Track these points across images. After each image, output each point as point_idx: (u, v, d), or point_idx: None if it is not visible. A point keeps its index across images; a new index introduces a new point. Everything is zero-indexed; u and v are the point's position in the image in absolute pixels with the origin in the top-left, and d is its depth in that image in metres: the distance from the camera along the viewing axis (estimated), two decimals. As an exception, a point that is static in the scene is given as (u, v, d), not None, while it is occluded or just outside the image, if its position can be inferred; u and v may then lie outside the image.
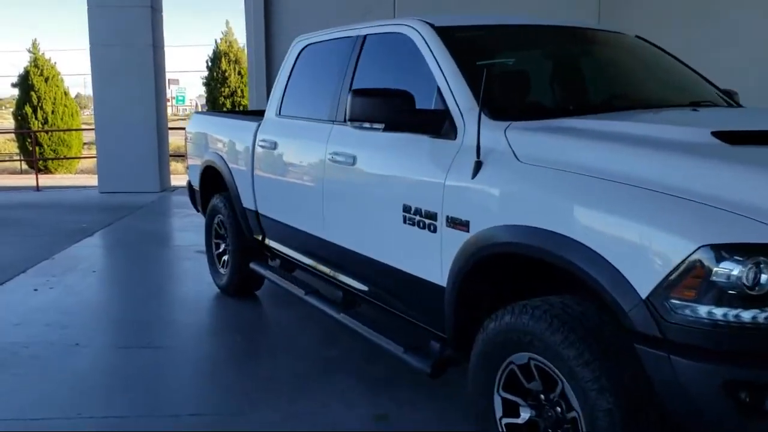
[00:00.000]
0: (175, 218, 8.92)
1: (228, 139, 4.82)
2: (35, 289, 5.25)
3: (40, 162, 19.58)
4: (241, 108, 20.82)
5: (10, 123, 24.68)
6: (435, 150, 2.71)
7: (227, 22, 21.65)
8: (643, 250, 1.89)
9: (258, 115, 5.32)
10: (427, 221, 2.66)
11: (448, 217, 2.54)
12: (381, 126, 2.70)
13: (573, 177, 2.13)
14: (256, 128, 4.35)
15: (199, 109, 51.44)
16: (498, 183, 2.36)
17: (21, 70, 21.34)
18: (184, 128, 19.54)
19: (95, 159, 19.40)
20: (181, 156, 20.12)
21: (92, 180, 17.90)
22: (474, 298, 2.55)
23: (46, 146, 21.03)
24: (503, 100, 2.73)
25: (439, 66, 2.83)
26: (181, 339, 4.18)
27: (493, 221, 2.34)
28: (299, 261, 3.98)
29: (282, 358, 3.86)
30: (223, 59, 21.09)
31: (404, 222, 2.80)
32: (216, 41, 21.53)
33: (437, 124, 2.71)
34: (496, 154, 2.43)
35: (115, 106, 10.72)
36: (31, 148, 20.85)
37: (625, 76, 3.28)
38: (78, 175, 20.99)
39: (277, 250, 4.30)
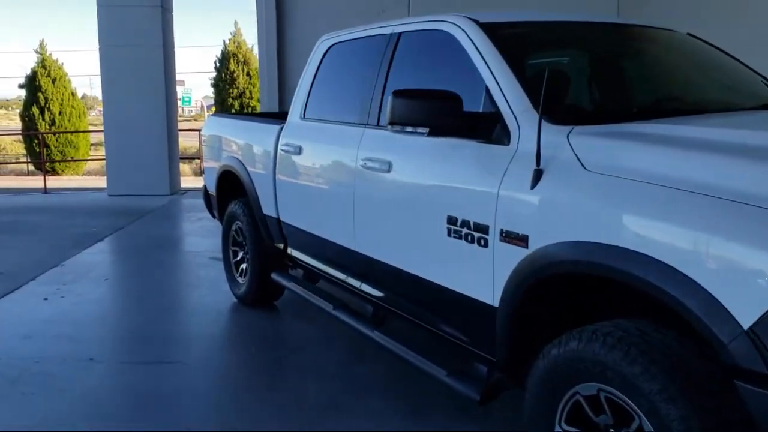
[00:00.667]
0: (186, 222, 8.72)
1: (247, 142, 4.60)
2: (45, 299, 5.05)
3: (48, 164, 19.43)
4: (250, 109, 20.64)
5: (17, 124, 24.54)
6: (485, 156, 2.48)
7: (236, 23, 21.55)
8: (745, 273, 1.66)
9: (277, 117, 5.12)
10: (477, 235, 2.43)
11: (502, 230, 2.31)
12: (425, 131, 2.48)
13: (654, 189, 1.90)
14: (278, 132, 4.13)
15: (205, 110, 51.27)
16: (563, 194, 2.14)
17: (28, 71, 21.21)
18: (190, 130, 19.49)
19: (102, 160, 19.29)
20: (188, 158, 19.98)
21: (100, 182, 17.76)
22: (531, 320, 2.32)
23: (53, 147, 20.90)
24: (562, 103, 2.50)
25: (488, 65, 2.60)
26: (198, 354, 3.97)
27: (558, 236, 2.11)
28: (325, 272, 3.75)
29: (307, 375, 3.64)
30: (231, 60, 20.92)
31: (449, 235, 2.57)
32: (224, 42, 21.39)
33: (487, 128, 2.49)
34: (558, 161, 2.20)
35: (125, 108, 10.53)
36: (38, 150, 20.75)
37: (685, 76, 3.05)
38: (85, 177, 20.86)
39: (301, 260, 4.08)
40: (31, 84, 21.01)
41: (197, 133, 22.80)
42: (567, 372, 2.09)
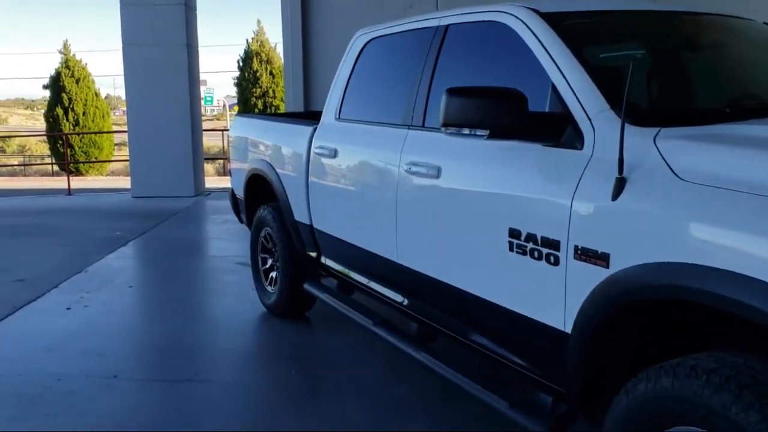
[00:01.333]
0: (211, 225, 8.53)
1: (278, 144, 4.36)
2: (68, 308, 4.85)
3: (71, 165, 19.45)
4: (273, 109, 20.48)
5: (42, 124, 24.66)
6: (553, 162, 2.20)
7: (259, 22, 21.36)
8: None
9: (306, 117, 4.87)
10: (545, 251, 2.15)
11: (576, 247, 2.03)
12: (484, 133, 2.20)
13: (765, 203, 1.61)
14: (311, 133, 3.88)
15: (227, 110, 51.30)
16: (652, 206, 1.85)
17: (52, 72, 21.26)
18: (213, 130, 19.33)
19: (127, 161, 19.27)
20: (210, 158, 19.88)
21: (123, 182, 17.72)
22: (611, 350, 2.04)
23: (77, 148, 20.93)
24: (643, 101, 2.21)
25: (554, 61, 2.32)
26: (229, 371, 3.73)
27: (646, 256, 1.83)
28: (363, 285, 3.50)
29: (345, 395, 3.39)
30: (254, 59, 20.78)
31: (511, 250, 2.30)
32: (247, 41, 21.25)
33: (556, 130, 2.21)
34: (644, 169, 1.91)
35: (149, 108, 10.38)
36: (62, 150, 20.80)
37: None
38: (109, 177, 20.87)
39: (335, 270, 3.82)
40: (55, 84, 21.07)
41: (220, 132, 22.77)
42: (658, 412, 1.80)
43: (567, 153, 2.16)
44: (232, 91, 22.27)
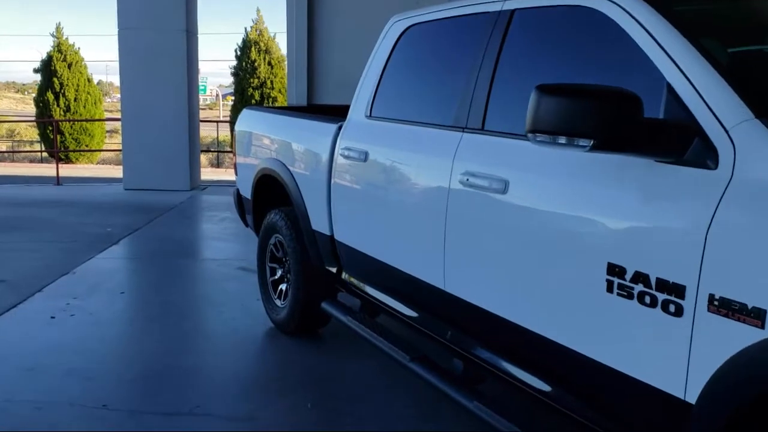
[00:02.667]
0: (209, 223, 8.03)
1: (294, 143, 3.88)
2: (53, 317, 4.36)
3: (61, 152, 18.85)
4: (271, 101, 19.94)
5: (32, 109, 23.99)
6: (673, 183, 1.74)
7: (258, 10, 20.77)
8: None
9: (322, 112, 4.39)
10: (662, 297, 1.69)
11: (713, 297, 1.57)
12: (587, 143, 1.74)
13: None
14: (335, 132, 3.41)
15: (220, 99, 50.45)
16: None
17: (44, 55, 20.62)
18: (207, 120, 18.68)
19: (118, 151, 18.65)
20: (203, 150, 19.30)
21: (114, 171, 17.13)
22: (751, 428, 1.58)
23: (67, 134, 20.33)
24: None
25: (669, 55, 1.85)
26: (234, 402, 3.25)
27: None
28: (394, 310, 3.02)
29: (372, 438, 2.93)
30: (252, 48, 20.21)
31: (609, 291, 1.83)
32: (246, 30, 20.66)
33: (678, 143, 1.74)
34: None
35: (144, 96, 9.83)
36: (52, 137, 20.18)
37: None
38: (100, 166, 20.28)
39: (360, 291, 3.35)
40: (47, 69, 20.44)
41: (215, 123, 22.19)
42: None
43: (694, 173, 1.70)
44: (226, 80, 21.74)
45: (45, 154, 21.09)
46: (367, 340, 3.12)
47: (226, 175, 17.40)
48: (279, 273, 4.23)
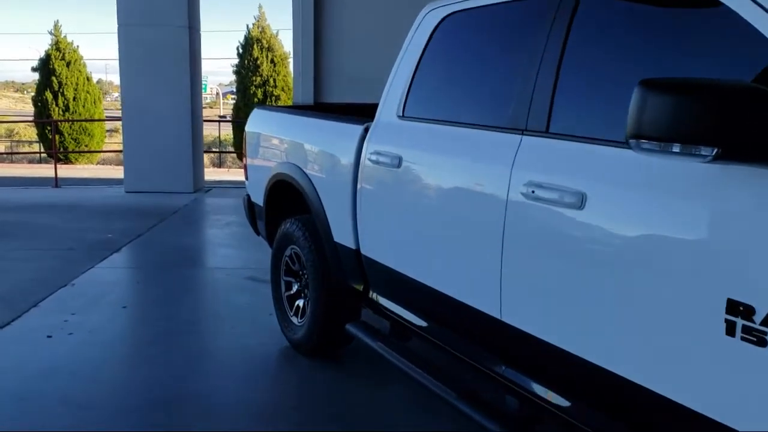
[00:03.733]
0: (214, 228, 7.67)
1: (314, 146, 3.52)
2: (49, 336, 4.00)
3: (60, 153, 18.50)
4: (273, 99, 19.57)
5: (31, 108, 23.63)
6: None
7: (260, 7, 20.37)
8: None
9: (342, 111, 4.04)
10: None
11: None
12: (710, 152, 1.38)
13: None
14: (362, 134, 3.05)
15: (220, 98, 49.93)
16: None
17: (42, 54, 20.26)
18: (208, 119, 18.29)
19: (117, 150, 18.26)
20: (204, 150, 18.87)
21: (114, 172, 16.77)
22: None
23: (66, 134, 19.98)
24: None
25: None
26: (252, 438, 2.90)
27: None
28: (435, 338, 2.66)
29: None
30: (255, 46, 19.83)
31: (730, 334, 1.48)
32: (247, 27, 20.28)
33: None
34: None
35: (146, 95, 9.48)
36: (51, 137, 19.81)
37: None
38: (99, 167, 19.92)
39: (391, 312, 2.99)
40: (45, 67, 20.08)
41: (216, 122, 21.80)
42: None
43: None
44: (225, 79, 21.32)
45: (44, 154, 20.74)
46: (402, 370, 2.76)
47: (229, 175, 17.07)
48: (295, 287, 3.88)
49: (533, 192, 2.02)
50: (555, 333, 2.00)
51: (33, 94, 22.45)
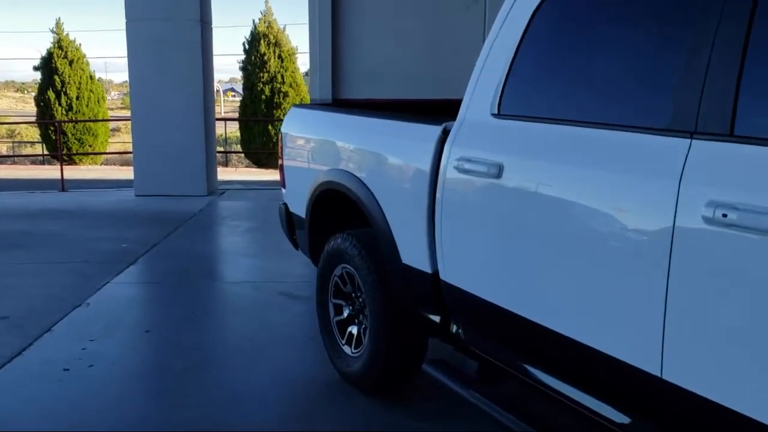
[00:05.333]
0: (235, 235, 7.17)
1: (375, 151, 3.02)
2: (66, 369, 3.52)
3: (64, 154, 18.01)
4: (281, 96, 19.05)
5: (33, 108, 23.13)
6: None
7: (266, 1, 19.82)
8: None
9: (385, 108, 3.54)
10: None
11: None
12: None
13: None
14: (439, 136, 2.55)
15: (221, 95, 49.31)
16: None
17: (44, 53, 19.75)
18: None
19: (124, 154, 17.78)
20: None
21: (120, 172, 16.28)
22: None
23: (70, 135, 19.50)
24: None
25: None
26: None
27: None
28: (558, 393, 2.15)
29: None
30: (261, 41, 19.30)
31: None
32: (254, 22, 19.75)
33: None
34: None
35: (155, 93, 8.98)
36: (54, 137, 19.31)
37: None
38: (104, 167, 19.43)
39: (484, 352, 2.49)
40: (47, 66, 19.57)
41: (220, 121, 21.28)
42: None
43: None
44: (225, 76, 20.76)
45: (46, 153, 20.25)
46: (503, 424, 2.26)
47: (237, 174, 16.57)
48: (346, 312, 3.38)
49: (725, 217, 1.51)
50: (745, 401, 1.50)
51: (35, 93, 21.95)
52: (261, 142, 19.07)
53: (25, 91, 61.30)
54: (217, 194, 9.44)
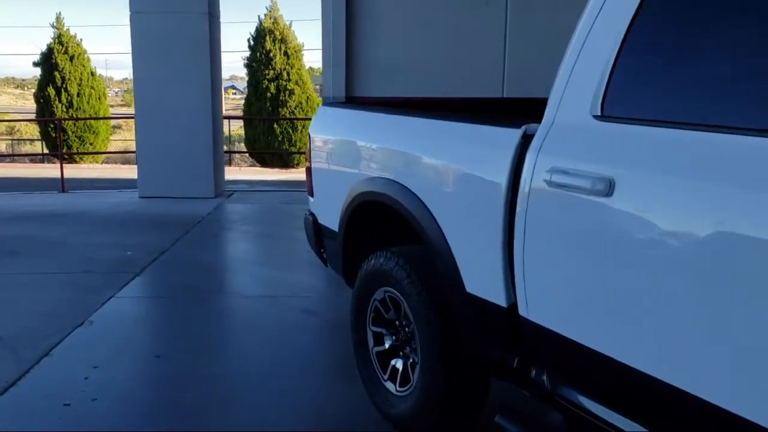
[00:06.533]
0: (246, 243, 6.73)
1: (430, 158, 2.57)
2: (67, 404, 3.07)
3: (65, 153, 17.55)
4: (287, 93, 18.58)
5: (32, 105, 22.66)
6: None
7: (272, -4, 19.32)
8: None
9: (408, 107, 3.10)
10: None
11: None
12: None
13: None
14: (519, 142, 2.10)
15: (222, 91, 48.64)
16: None
17: (44, 48, 19.28)
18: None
19: (126, 153, 17.32)
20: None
21: (121, 171, 15.82)
22: None
23: (70, 132, 19.03)
24: None
25: None
26: None
27: None
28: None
29: None
30: (267, 38, 18.82)
31: None
32: (259, 18, 19.27)
33: None
34: None
35: (161, 90, 8.53)
36: (54, 135, 18.85)
37: None
38: (105, 166, 18.98)
39: (575, 405, 2.04)
40: (47, 62, 19.09)
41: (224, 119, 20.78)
42: None
43: None
44: (226, 73, 20.20)
45: (46, 151, 19.78)
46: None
47: (241, 174, 16.13)
48: (389, 342, 2.94)
49: None
50: None
51: (34, 90, 21.48)
52: (266, 141, 18.62)
53: (25, 88, 60.83)
54: (224, 196, 9.00)
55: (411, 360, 2.78)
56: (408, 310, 2.70)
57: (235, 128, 24.98)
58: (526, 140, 2.11)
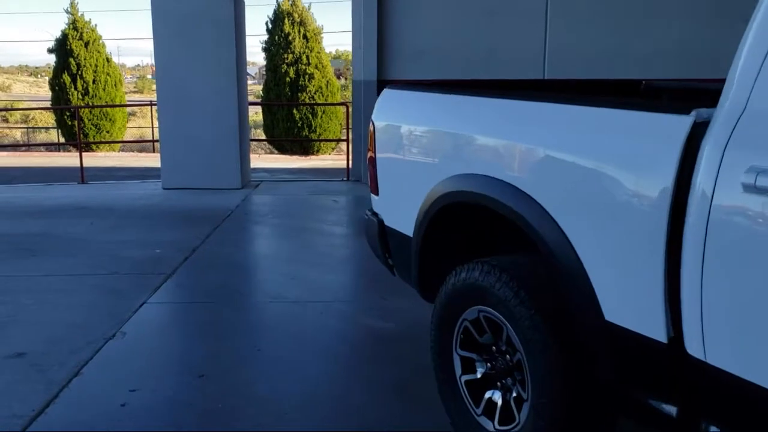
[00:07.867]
0: (281, 238, 6.29)
1: (553, 152, 2.08)
2: (102, 441, 2.65)
3: (83, 142, 17.17)
4: (306, 77, 18.08)
5: (47, 92, 22.29)
6: None
7: (290, -22, 18.76)
8: None
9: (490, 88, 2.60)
10: None
11: None
12: None
13: None
14: (688, 133, 1.62)
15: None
16: None
17: (57, 34, 18.87)
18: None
19: (138, 135, 16.91)
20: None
21: (139, 160, 15.41)
22: None
23: (86, 120, 18.63)
24: None
25: None
26: None
27: None
28: None
29: None
30: (285, 20, 18.29)
31: None
32: (277, 1, 18.73)
33: None
34: None
35: (185, 76, 8.08)
36: (70, 123, 18.50)
37: None
38: (122, 154, 18.57)
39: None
40: (62, 48, 18.67)
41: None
42: None
43: None
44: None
45: (62, 139, 19.42)
46: None
47: (261, 161, 15.63)
48: (481, 370, 2.47)
49: None
50: None
51: (48, 77, 21.10)
52: (285, 128, 18.17)
53: (39, 75, 60.63)
54: (251, 187, 8.55)
55: (515, 394, 2.31)
56: (514, 337, 2.23)
57: (251, 115, 24.54)
58: (696, 130, 1.63)
